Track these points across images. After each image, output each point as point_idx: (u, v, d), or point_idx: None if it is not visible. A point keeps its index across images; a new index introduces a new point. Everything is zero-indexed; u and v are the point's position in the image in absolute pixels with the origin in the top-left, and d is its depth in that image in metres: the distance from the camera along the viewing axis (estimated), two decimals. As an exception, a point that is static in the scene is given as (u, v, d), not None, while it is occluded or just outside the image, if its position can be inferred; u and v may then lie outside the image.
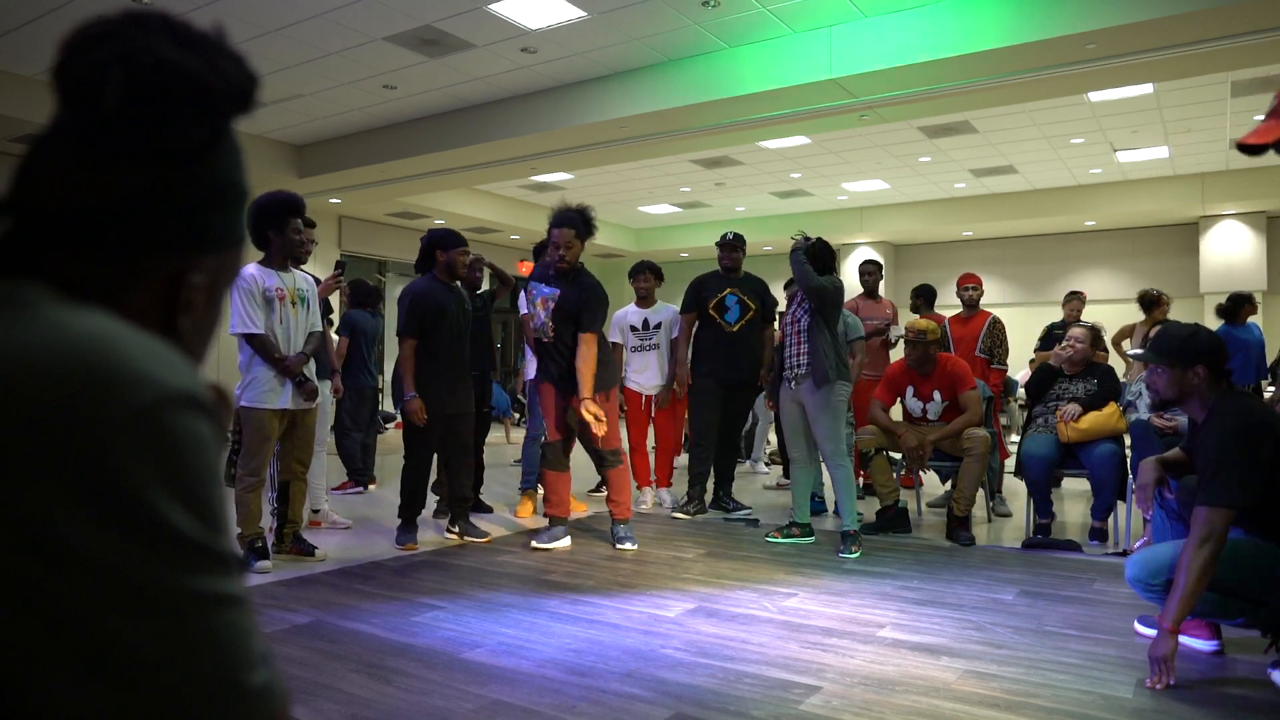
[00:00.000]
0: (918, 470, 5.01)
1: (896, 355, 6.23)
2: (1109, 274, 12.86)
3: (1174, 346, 2.66)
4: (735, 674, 2.60)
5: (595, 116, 7.60)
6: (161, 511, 0.50)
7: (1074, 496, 6.35)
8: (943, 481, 5.50)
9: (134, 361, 0.52)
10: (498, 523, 5.22)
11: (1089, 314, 7.58)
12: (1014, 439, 7.16)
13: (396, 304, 4.56)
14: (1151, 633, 2.84)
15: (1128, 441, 4.71)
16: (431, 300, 4.44)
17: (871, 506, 5.34)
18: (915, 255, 14.33)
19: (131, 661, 0.49)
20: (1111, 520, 4.72)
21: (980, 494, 4.98)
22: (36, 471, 0.48)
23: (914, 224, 12.92)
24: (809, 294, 4.43)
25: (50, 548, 0.47)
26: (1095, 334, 5.04)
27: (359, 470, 6.28)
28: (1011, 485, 5.97)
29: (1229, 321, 6.56)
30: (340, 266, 4.85)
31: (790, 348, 4.55)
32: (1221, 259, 11.49)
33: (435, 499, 5.51)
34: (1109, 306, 12.14)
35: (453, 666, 2.66)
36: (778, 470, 7.12)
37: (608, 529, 5.01)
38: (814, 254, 4.48)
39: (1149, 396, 2.82)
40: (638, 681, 2.53)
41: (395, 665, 2.67)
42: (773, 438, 7.37)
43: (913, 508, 5.34)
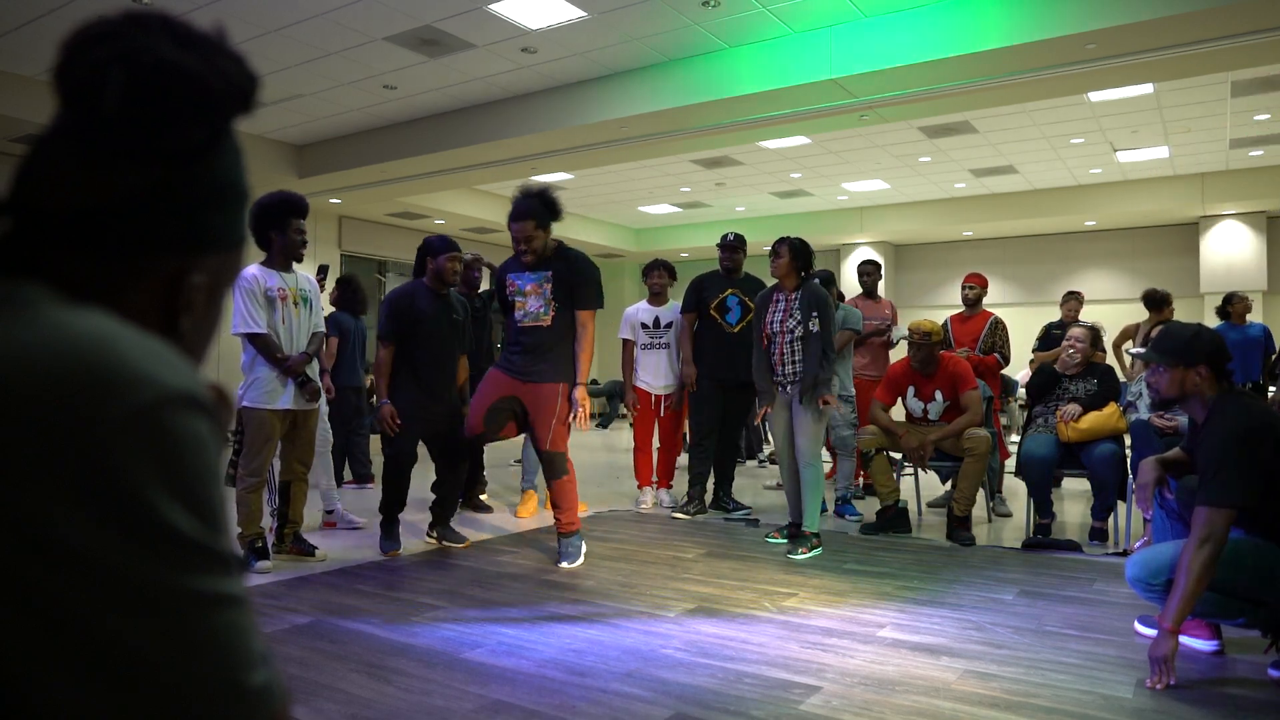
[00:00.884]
0: (918, 470, 5.01)
1: (896, 354, 6.24)
2: (1109, 274, 12.86)
3: (1176, 346, 2.66)
4: (735, 674, 2.60)
5: (595, 116, 7.60)
6: (161, 511, 0.50)
7: (1074, 496, 6.35)
8: (943, 481, 5.50)
9: (134, 361, 0.52)
10: (498, 523, 5.22)
11: (1089, 314, 7.59)
12: (1014, 439, 7.17)
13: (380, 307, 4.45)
14: (1152, 633, 2.84)
15: (1128, 441, 4.71)
16: (411, 305, 4.29)
17: (871, 506, 5.34)
18: (915, 255, 14.33)
19: (131, 661, 0.49)
20: (1112, 520, 4.72)
21: (980, 494, 4.99)
22: (36, 471, 0.48)
23: (914, 224, 12.92)
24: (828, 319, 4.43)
25: (50, 548, 0.47)
26: (1095, 334, 5.04)
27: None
28: (1012, 485, 5.97)
29: (1225, 321, 6.58)
30: (323, 271, 4.84)
31: (783, 355, 4.47)
32: (1222, 259, 11.49)
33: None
34: (1109, 306, 12.15)
35: (453, 666, 2.66)
36: (777, 470, 7.11)
37: (607, 529, 5.01)
38: (804, 253, 4.49)
39: (1150, 396, 2.82)
40: (638, 681, 2.53)
41: (395, 665, 2.67)
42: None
43: (913, 508, 5.34)
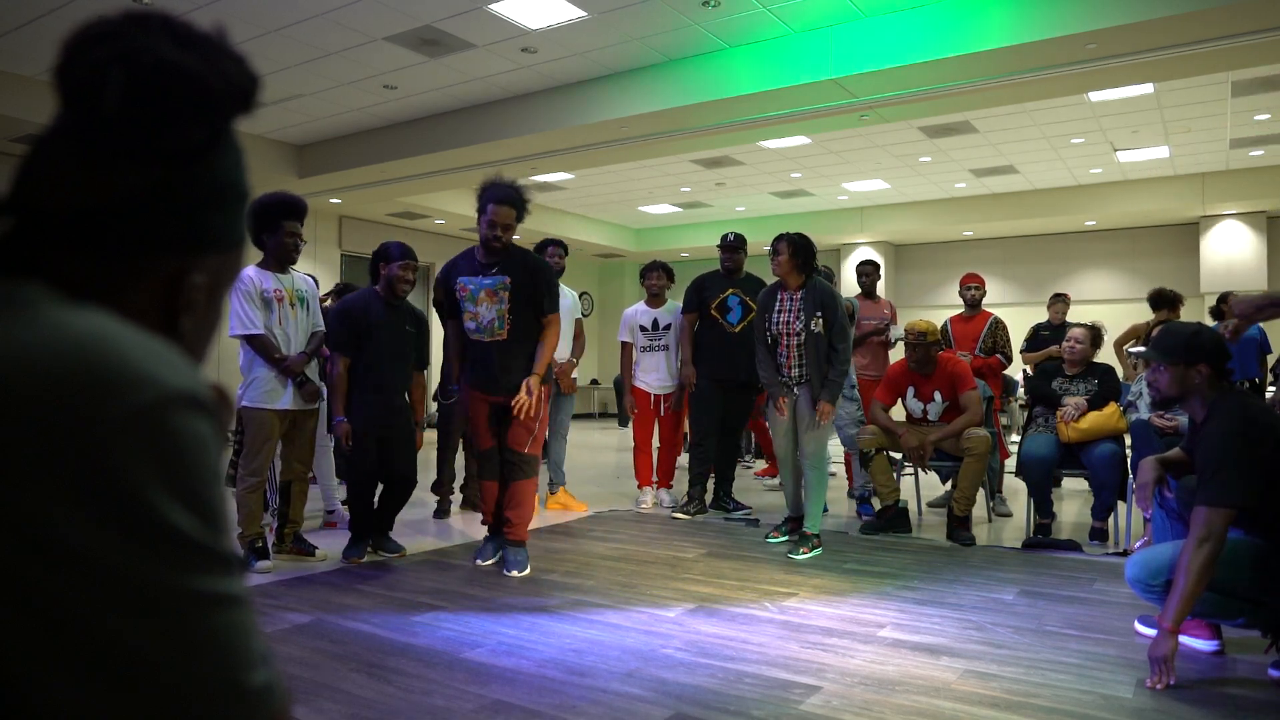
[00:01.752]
0: (918, 469, 5.01)
1: (895, 353, 6.24)
2: (1109, 274, 12.86)
3: (1177, 345, 2.66)
4: (735, 674, 2.60)
5: (595, 116, 7.60)
6: (162, 511, 0.50)
7: (1074, 496, 6.35)
8: (943, 481, 5.50)
9: (134, 361, 0.52)
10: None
11: (1089, 314, 7.59)
12: (1014, 439, 7.17)
13: (328, 317, 4.22)
14: (1152, 633, 2.84)
15: (1128, 441, 4.71)
16: (365, 314, 4.10)
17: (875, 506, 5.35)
18: (915, 255, 14.33)
19: (132, 661, 0.49)
20: (1112, 520, 4.72)
21: (980, 494, 4.98)
22: (37, 471, 0.48)
23: (914, 224, 12.92)
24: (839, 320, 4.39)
25: (50, 548, 0.47)
26: (1096, 334, 5.04)
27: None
28: (1012, 485, 5.97)
29: (1220, 320, 6.58)
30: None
31: (791, 357, 4.43)
32: (1222, 259, 11.49)
33: (435, 499, 5.51)
34: (1109, 306, 12.16)
35: (453, 666, 2.66)
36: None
37: (607, 529, 5.01)
38: (805, 250, 4.45)
39: (1150, 395, 2.82)
40: (638, 681, 2.53)
41: (395, 665, 2.67)
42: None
43: (913, 508, 5.34)
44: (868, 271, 6.21)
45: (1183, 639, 2.75)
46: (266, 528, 4.13)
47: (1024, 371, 7.32)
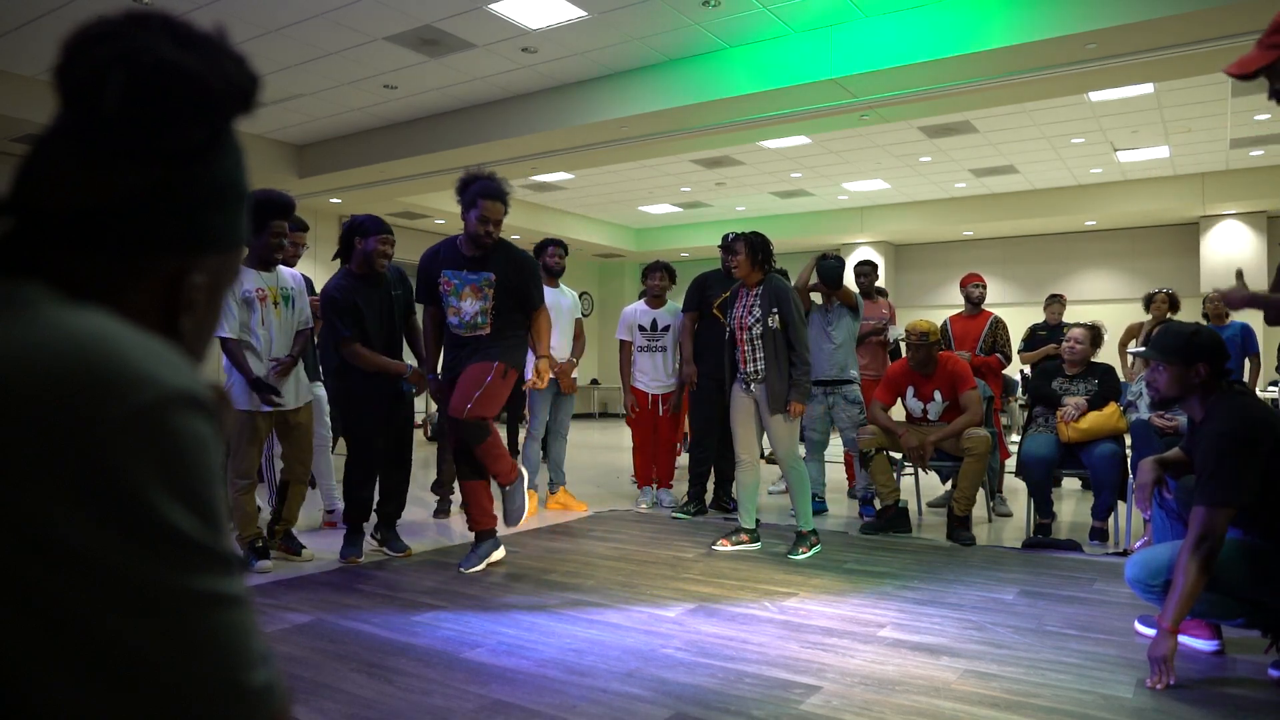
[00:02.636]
0: (918, 469, 5.01)
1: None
2: (1109, 274, 12.86)
3: (1177, 344, 2.66)
4: (736, 674, 2.60)
5: (595, 116, 7.60)
6: (162, 511, 0.50)
7: (1074, 496, 6.35)
8: (943, 481, 5.50)
9: (134, 361, 0.52)
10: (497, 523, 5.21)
11: (1090, 314, 7.59)
12: (1014, 439, 7.16)
13: (321, 308, 4.13)
14: (1151, 633, 2.84)
15: (1128, 441, 4.71)
16: (348, 301, 4.01)
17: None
18: (915, 255, 14.33)
19: (132, 661, 0.49)
20: (1112, 520, 4.72)
21: (981, 494, 4.98)
22: (36, 471, 0.48)
23: (914, 224, 12.92)
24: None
25: (50, 548, 0.47)
26: (1096, 333, 5.04)
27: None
28: (1012, 485, 5.97)
29: (1213, 322, 6.57)
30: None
31: (745, 353, 4.39)
32: (1222, 259, 11.48)
33: (435, 499, 5.51)
34: (1109, 306, 12.15)
35: (453, 666, 2.66)
36: (778, 470, 7.11)
37: (607, 529, 5.01)
38: (762, 248, 4.41)
39: (1150, 395, 2.82)
40: (638, 681, 2.53)
41: (395, 665, 2.67)
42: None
43: (913, 508, 5.34)
44: (866, 272, 6.21)
45: (1183, 639, 2.75)
46: (264, 526, 4.12)
47: (1022, 372, 7.32)
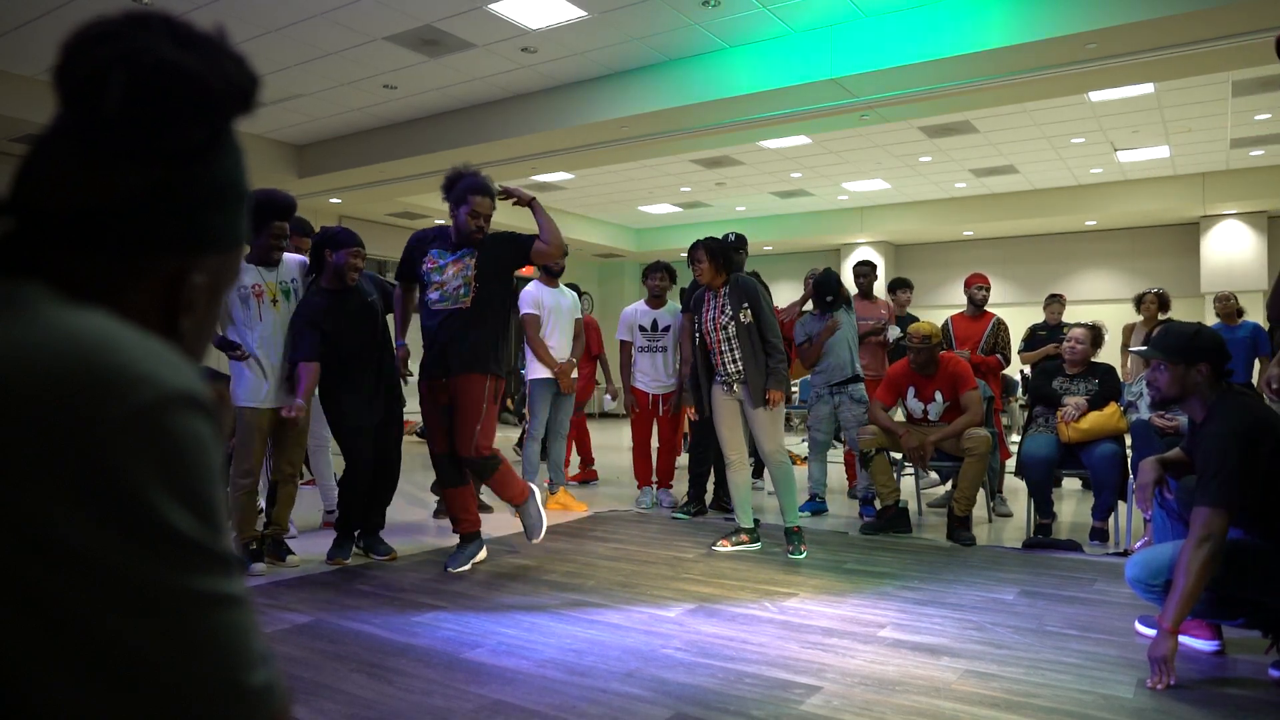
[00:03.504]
0: (918, 470, 5.01)
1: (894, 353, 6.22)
2: (1109, 274, 12.86)
3: (1178, 344, 2.66)
4: (736, 674, 2.60)
5: (595, 116, 7.60)
6: (161, 511, 0.50)
7: (1074, 496, 6.35)
8: (943, 482, 5.49)
9: (134, 361, 0.52)
10: (498, 523, 5.21)
11: (1090, 314, 7.59)
12: (1015, 439, 7.16)
13: (291, 328, 3.98)
14: (1152, 633, 2.84)
15: (1128, 441, 4.71)
16: (324, 317, 3.95)
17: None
18: (915, 255, 14.33)
19: (132, 661, 0.49)
20: (1112, 520, 4.72)
21: (981, 494, 4.98)
22: (36, 471, 0.48)
23: (914, 224, 12.92)
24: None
25: (50, 548, 0.47)
26: (1096, 334, 5.04)
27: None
28: (1012, 485, 5.97)
29: (1224, 322, 6.58)
30: None
31: (722, 353, 4.38)
32: (1222, 259, 11.48)
33: (435, 499, 5.51)
34: (1109, 306, 12.15)
35: (453, 666, 2.66)
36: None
37: (607, 529, 5.01)
38: (721, 251, 4.40)
39: (1150, 394, 2.82)
40: (638, 681, 2.53)
41: (395, 665, 2.67)
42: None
43: (913, 508, 5.34)
44: (865, 273, 6.21)
45: (1183, 639, 2.75)
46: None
47: (1022, 372, 7.32)
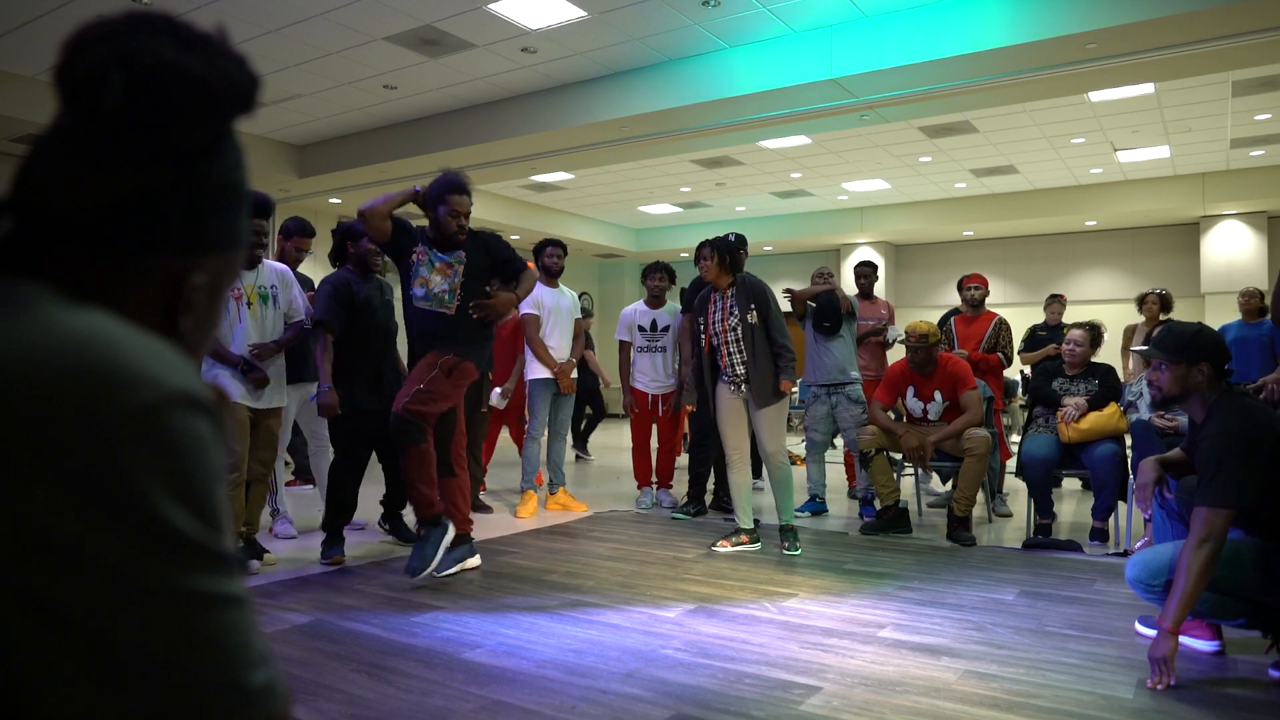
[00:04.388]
0: (918, 469, 5.01)
1: (894, 353, 6.22)
2: (1109, 274, 12.86)
3: (1180, 343, 2.66)
4: (735, 674, 2.60)
5: (595, 116, 7.60)
6: (162, 511, 0.50)
7: (1074, 497, 6.35)
8: (943, 481, 5.49)
9: (135, 361, 0.52)
10: (497, 523, 5.21)
11: (1090, 314, 7.58)
12: (1015, 439, 7.16)
13: (316, 292, 4.26)
14: (1152, 633, 2.84)
15: (1128, 441, 4.71)
16: (350, 292, 4.19)
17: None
18: (916, 255, 14.33)
19: (132, 661, 0.49)
20: (1112, 520, 4.72)
21: (981, 494, 4.98)
22: (37, 471, 0.48)
23: (914, 224, 12.92)
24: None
25: (50, 547, 0.47)
26: (1095, 334, 5.04)
27: (304, 467, 6.20)
28: (1012, 485, 5.97)
29: (1246, 319, 6.49)
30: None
31: (729, 354, 4.41)
32: (1223, 259, 11.48)
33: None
34: (1109, 306, 12.15)
35: (453, 666, 2.66)
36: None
37: (607, 529, 5.02)
38: (729, 251, 4.44)
39: (1150, 394, 2.82)
40: (638, 682, 2.53)
41: (395, 665, 2.67)
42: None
43: (913, 508, 5.34)
44: (865, 273, 6.21)
45: (1183, 639, 2.75)
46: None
47: (1022, 372, 7.32)
